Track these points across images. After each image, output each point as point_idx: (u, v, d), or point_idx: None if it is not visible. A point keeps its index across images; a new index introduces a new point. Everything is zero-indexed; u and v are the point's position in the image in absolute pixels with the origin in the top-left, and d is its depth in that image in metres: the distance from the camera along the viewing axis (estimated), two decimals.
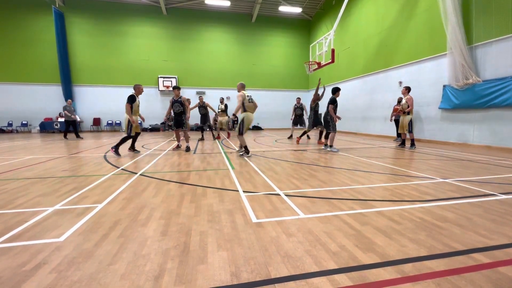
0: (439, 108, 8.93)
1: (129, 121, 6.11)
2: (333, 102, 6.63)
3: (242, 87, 5.79)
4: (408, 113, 7.05)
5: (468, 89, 7.90)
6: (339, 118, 6.69)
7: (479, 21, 7.63)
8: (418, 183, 3.52)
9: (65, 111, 10.59)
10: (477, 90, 7.68)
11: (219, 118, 10.17)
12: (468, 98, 7.94)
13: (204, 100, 9.64)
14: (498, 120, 7.32)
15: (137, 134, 6.51)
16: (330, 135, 6.81)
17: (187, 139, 6.96)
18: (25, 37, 15.32)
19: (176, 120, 6.92)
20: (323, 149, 7.05)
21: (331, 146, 6.81)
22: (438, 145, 8.56)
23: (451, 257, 1.65)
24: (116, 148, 5.99)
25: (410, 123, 7.09)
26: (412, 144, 7.40)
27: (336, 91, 6.66)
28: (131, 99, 6.20)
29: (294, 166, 4.74)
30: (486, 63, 7.57)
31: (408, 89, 7.24)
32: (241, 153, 5.99)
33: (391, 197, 2.92)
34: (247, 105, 5.69)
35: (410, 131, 7.14)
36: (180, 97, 6.92)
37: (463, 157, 5.89)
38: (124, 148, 6.96)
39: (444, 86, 8.70)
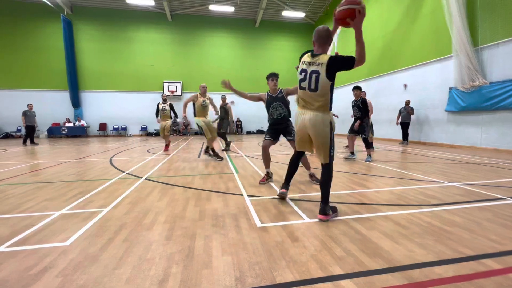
0: (446, 110, 8.83)
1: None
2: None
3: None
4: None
5: (475, 92, 7.80)
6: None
7: (484, 23, 7.57)
8: (425, 187, 3.46)
9: (23, 117, 10.27)
10: (484, 92, 7.57)
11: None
12: (475, 101, 7.83)
13: (227, 102, 8.29)
14: (506, 123, 7.19)
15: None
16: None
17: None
18: (34, 44, 15.71)
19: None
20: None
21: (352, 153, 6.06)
22: (445, 148, 8.44)
23: (461, 263, 1.61)
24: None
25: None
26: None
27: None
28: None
29: (299, 170, 4.69)
30: (493, 65, 7.48)
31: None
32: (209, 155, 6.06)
33: (398, 201, 2.88)
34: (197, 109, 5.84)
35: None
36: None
37: (471, 160, 5.79)
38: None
39: (450, 88, 8.61)
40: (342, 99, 15.85)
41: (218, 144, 6.05)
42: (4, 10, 15.22)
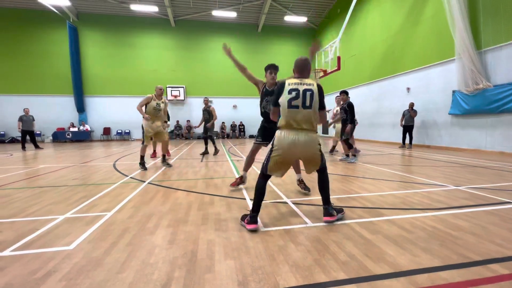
0: (449, 113, 8.78)
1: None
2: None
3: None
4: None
5: (479, 94, 7.75)
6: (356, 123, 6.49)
7: (487, 26, 7.55)
8: (429, 191, 3.43)
9: (19, 122, 10.25)
10: (488, 95, 7.52)
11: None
12: (479, 104, 7.78)
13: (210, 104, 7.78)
14: (511, 126, 7.12)
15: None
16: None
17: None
18: (40, 50, 16.01)
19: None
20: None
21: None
22: (449, 151, 8.37)
23: (467, 268, 1.59)
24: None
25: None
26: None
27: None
28: None
29: (301, 174, 4.69)
30: (497, 68, 7.45)
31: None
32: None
33: (402, 205, 2.85)
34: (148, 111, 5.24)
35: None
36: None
37: (475, 163, 5.73)
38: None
39: (454, 91, 8.57)
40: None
41: (166, 150, 5.56)
42: (12, 18, 15.57)
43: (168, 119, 7.55)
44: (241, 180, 3.66)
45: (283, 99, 2.23)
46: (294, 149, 2.22)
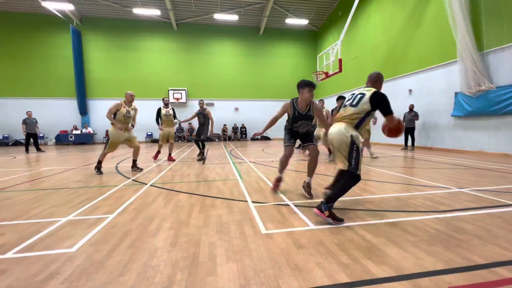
0: (452, 115, 8.73)
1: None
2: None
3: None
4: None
5: (482, 96, 7.71)
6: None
7: (489, 27, 7.54)
8: (432, 193, 3.41)
9: (23, 125, 10.33)
10: (491, 96, 7.49)
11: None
12: (481, 105, 7.74)
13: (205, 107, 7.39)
14: None
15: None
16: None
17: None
18: (44, 54, 16.17)
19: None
20: None
21: None
22: (452, 153, 8.31)
23: (471, 271, 1.57)
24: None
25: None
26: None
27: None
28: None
29: (303, 176, 4.68)
30: (499, 69, 7.41)
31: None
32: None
33: (405, 207, 2.83)
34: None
35: None
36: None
37: (479, 165, 5.68)
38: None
39: (456, 93, 8.54)
40: None
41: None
42: (15, 21, 15.77)
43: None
44: (279, 180, 3.60)
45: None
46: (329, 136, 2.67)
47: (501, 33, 7.25)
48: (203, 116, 7.17)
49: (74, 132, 16.10)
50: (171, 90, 17.66)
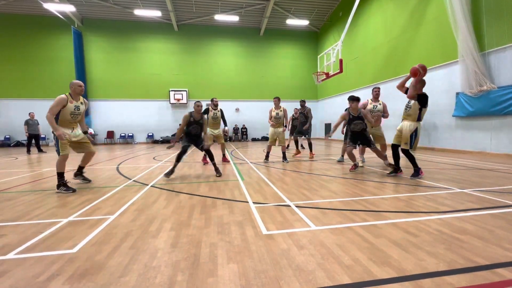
0: (453, 116, 8.71)
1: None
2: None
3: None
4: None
5: (483, 96, 7.69)
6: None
7: (490, 27, 7.52)
8: (434, 194, 3.39)
9: (25, 126, 10.38)
10: (493, 97, 7.46)
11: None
12: (483, 105, 7.71)
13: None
14: None
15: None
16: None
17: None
18: (45, 56, 16.25)
19: None
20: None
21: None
22: (454, 154, 8.29)
23: (474, 272, 1.56)
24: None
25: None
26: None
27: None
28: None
29: (304, 177, 4.68)
30: (501, 69, 7.39)
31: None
32: None
33: (406, 208, 2.82)
34: None
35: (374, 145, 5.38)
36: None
37: (481, 166, 5.66)
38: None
39: (457, 93, 8.51)
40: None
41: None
42: (17, 23, 15.85)
43: (225, 124, 6.92)
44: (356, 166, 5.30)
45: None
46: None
47: (502, 33, 7.23)
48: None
49: None
50: (172, 91, 17.70)
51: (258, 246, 1.96)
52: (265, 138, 18.58)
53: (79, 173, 4.52)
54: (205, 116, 5.62)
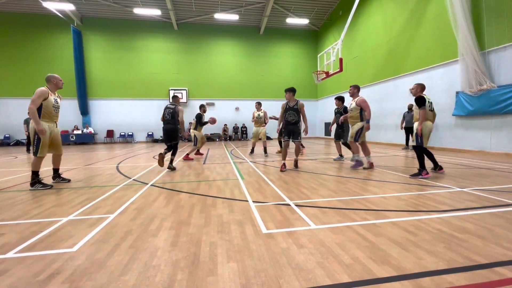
0: (453, 115, 8.70)
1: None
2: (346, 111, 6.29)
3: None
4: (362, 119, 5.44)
5: (483, 95, 7.69)
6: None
7: (490, 26, 7.51)
8: (434, 193, 3.40)
9: (25, 125, 10.27)
10: (493, 96, 7.46)
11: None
12: (483, 105, 7.71)
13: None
14: None
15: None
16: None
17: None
18: (45, 54, 16.20)
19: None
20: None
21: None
22: (453, 153, 8.29)
23: (473, 271, 1.56)
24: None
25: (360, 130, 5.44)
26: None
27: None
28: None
29: (304, 176, 4.68)
30: (501, 69, 7.38)
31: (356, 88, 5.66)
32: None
33: (406, 207, 2.82)
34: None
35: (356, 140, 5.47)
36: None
37: (481, 165, 5.66)
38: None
39: (457, 92, 8.51)
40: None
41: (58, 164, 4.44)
42: (16, 22, 15.80)
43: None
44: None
45: (427, 106, 4.51)
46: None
47: (502, 32, 7.22)
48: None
49: (75, 132, 16.13)
50: (171, 90, 17.67)
51: (258, 245, 1.96)
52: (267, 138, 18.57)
53: (56, 175, 4.45)
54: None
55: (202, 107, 7.94)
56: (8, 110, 15.97)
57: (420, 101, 4.46)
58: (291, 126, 5.32)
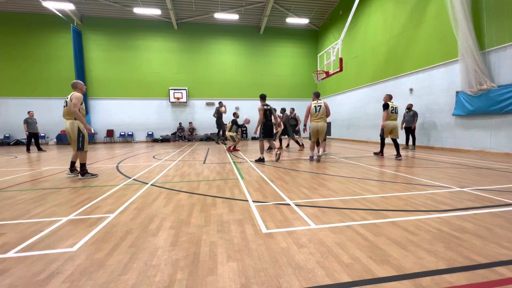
0: (453, 114, 8.71)
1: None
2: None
3: None
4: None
5: (483, 95, 7.69)
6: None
7: (490, 26, 7.51)
8: (433, 192, 3.40)
9: (25, 125, 10.34)
10: (493, 96, 7.46)
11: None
12: (483, 104, 7.71)
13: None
14: None
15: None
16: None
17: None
18: (45, 54, 16.19)
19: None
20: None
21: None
22: (453, 152, 8.29)
23: (473, 271, 1.57)
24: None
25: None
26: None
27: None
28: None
29: (304, 175, 4.68)
30: (501, 68, 7.38)
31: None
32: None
33: (406, 207, 2.83)
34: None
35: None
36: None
37: (480, 165, 5.67)
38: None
39: (457, 92, 8.51)
40: (346, 104, 15.81)
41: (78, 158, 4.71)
42: (16, 21, 15.78)
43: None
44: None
45: (389, 110, 6.34)
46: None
47: (502, 32, 7.22)
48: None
49: None
50: (171, 89, 17.66)
51: (258, 244, 1.96)
52: None
53: (74, 168, 4.96)
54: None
55: (234, 114, 9.61)
56: (7, 109, 15.96)
57: (384, 106, 6.66)
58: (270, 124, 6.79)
